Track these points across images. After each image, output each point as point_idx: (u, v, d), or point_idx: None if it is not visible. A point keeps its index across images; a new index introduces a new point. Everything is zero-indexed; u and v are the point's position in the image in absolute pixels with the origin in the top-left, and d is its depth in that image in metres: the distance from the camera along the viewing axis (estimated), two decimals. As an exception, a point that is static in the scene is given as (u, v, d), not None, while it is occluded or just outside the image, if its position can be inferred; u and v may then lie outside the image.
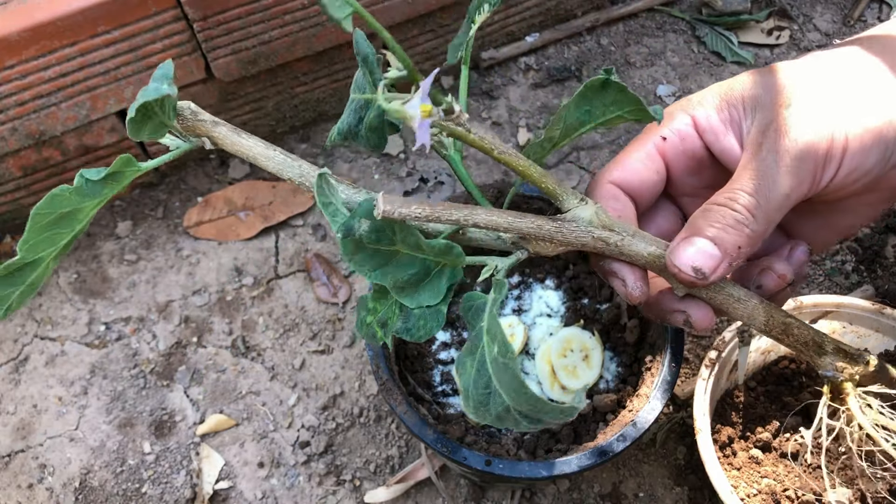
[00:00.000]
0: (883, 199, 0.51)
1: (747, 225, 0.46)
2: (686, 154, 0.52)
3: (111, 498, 0.83)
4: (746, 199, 0.46)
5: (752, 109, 0.49)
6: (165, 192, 1.01)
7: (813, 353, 0.50)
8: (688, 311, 0.50)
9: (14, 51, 0.79)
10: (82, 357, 0.91)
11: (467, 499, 0.81)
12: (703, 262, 0.46)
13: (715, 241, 0.46)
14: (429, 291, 0.50)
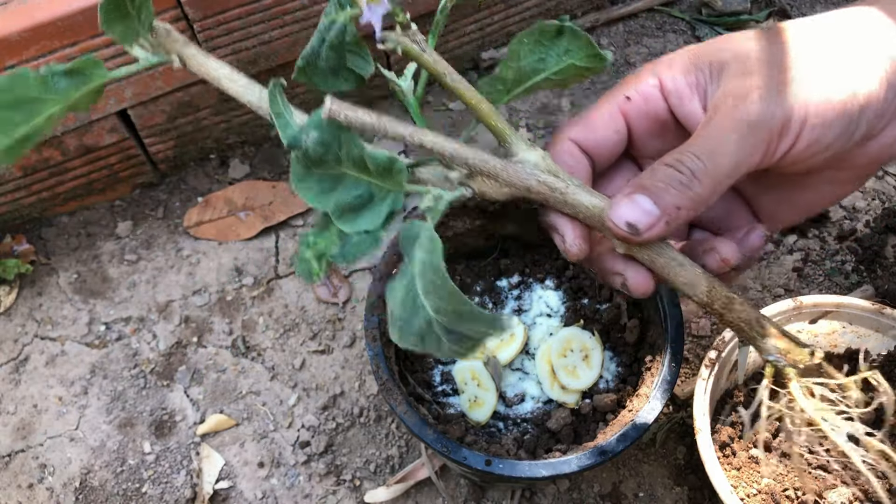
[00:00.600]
0: (849, 179, 0.50)
1: (690, 187, 0.45)
2: (649, 116, 0.51)
3: (111, 498, 0.83)
4: (693, 162, 0.45)
5: (718, 75, 0.48)
6: (166, 193, 1.01)
7: (756, 334, 0.49)
8: (625, 274, 0.49)
9: (14, 51, 0.79)
10: (82, 357, 0.91)
11: (467, 499, 0.81)
12: (638, 218, 0.45)
13: (654, 200, 0.45)
14: (369, 216, 0.49)
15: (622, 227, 0.46)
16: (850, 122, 0.46)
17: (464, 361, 0.74)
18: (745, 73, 0.47)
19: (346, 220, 0.49)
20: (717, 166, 0.45)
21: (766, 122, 0.45)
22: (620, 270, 0.49)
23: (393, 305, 0.46)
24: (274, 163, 1.02)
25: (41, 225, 0.99)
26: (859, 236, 0.94)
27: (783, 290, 0.91)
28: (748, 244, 0.51)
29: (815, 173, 0.49)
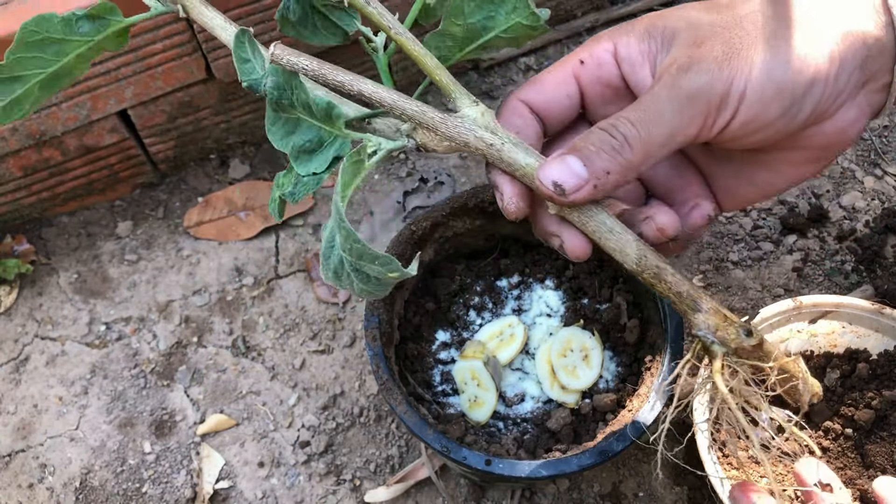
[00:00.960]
0: (807, 161, 0.49)
1: (621, 153, 0.45)
2: (602, 81, 0.50)
3: (111, 497, 0.83)
4: (627, 128, 0.45)
5: (669, 43, 0.48)
6: (166, 193, 1.01)
7: (687, 307, 0.48)
8: (562, 236, 0.49)
9: (15, 51, 0.79)
10: (83, 357, 0.91)
11: (467, 498, 0.81)
12: (566, 179, 0.45)
13: (585, 162, 0.45)
14: (318, 160, 0.52)
15: (549, 186, 0.45)
16: (793, 102, 0.45)
17: (464, 361, 0.74)
18: (694, 43, 0.46)
19: (300, 162, 0.53)
20: (650, 135, 0.45)
21: (705, 94, 0.44)
22: (557, 232, 0.49)
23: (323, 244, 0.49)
24: (274, 163, 1.02)
25: (41, 225, 0.99)
26: (859, 236, 0.94)
27: (783, 290, 0.91)
28: (691, 220, 0.51)
29: (769, 151, 0.49)
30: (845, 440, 0.77)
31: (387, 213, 0.98)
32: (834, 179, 0.99)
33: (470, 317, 0.78)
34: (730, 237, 0.95)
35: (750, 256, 0.94)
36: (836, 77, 0.45)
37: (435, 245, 0.78)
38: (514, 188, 0.48)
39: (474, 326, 0.78)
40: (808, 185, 0.99)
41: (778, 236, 0.95)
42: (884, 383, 0.78)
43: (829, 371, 0.79)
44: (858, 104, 0.47)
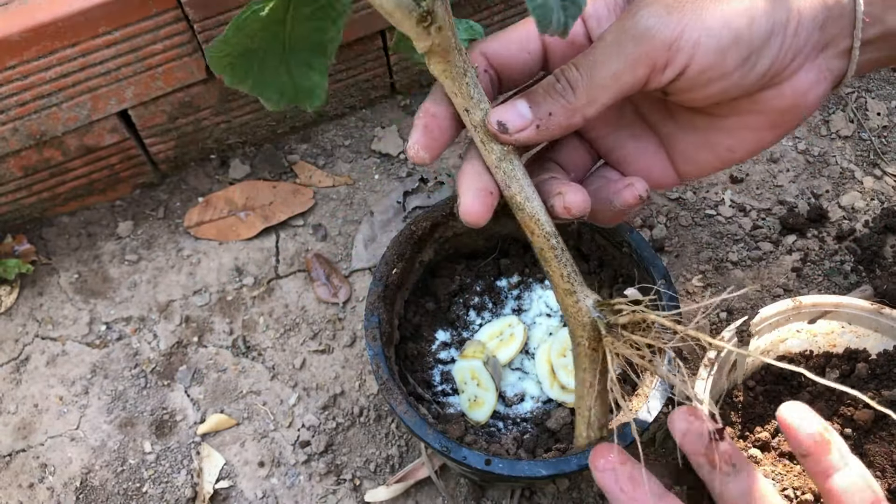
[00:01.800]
0: (767, 126, 0.49)
1: (564, 95, 0.45)
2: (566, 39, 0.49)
3: (112, 497, 0.83)
4: (572, 73, 0.45)
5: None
6: (166, 193, 1.01)
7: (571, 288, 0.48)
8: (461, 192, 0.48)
9: (15, 51, 0.79)
10: (83, 357, 0.91)
11: (467, 498, 0.81)
12: (510, 117, 0.46)
13: (530, 104, 0.46)
14: None
15: (493, 124, 0.46)
16: (750, 52, 0.44)
17: (463, 361, 0.74)
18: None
19: None
20: (592, 77, 0.45)
21: (650, 37, 0.44)
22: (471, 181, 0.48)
23: None
24: (274, 163, 1.03)
25: (42, 225, 0.99)
26: (858, 236, 0.94)
27: (782, 290, 0.92)
28: (622, 197, 0.50)
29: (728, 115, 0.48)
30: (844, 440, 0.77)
31: (387, 213, 0.98)
32: (833, 179, 0.99)
33: (470, 317, 0.79)
34: (729, 237, 0.95)
35: (749, 256, 0.94)
36: (795, 32, 0.44)
37: (435, 245, 0.78)
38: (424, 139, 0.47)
39: (474, 326, 0.78)
40: (807, 185, 0.99)
41: (777, 236, 0.95)
42: (883, 383, 0.78)
43: (829, 371, 0.79)
44: (818, 67, 0.47)
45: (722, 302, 0.91)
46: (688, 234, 0.96)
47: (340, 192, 1.01)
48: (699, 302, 0.91)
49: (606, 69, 0.45)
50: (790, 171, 1.00)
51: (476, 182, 0.48)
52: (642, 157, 0.52)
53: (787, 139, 1.02)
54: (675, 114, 0.51)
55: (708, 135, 0.51)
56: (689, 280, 0.92)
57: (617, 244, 0.75)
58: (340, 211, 0.99)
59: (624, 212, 0.50)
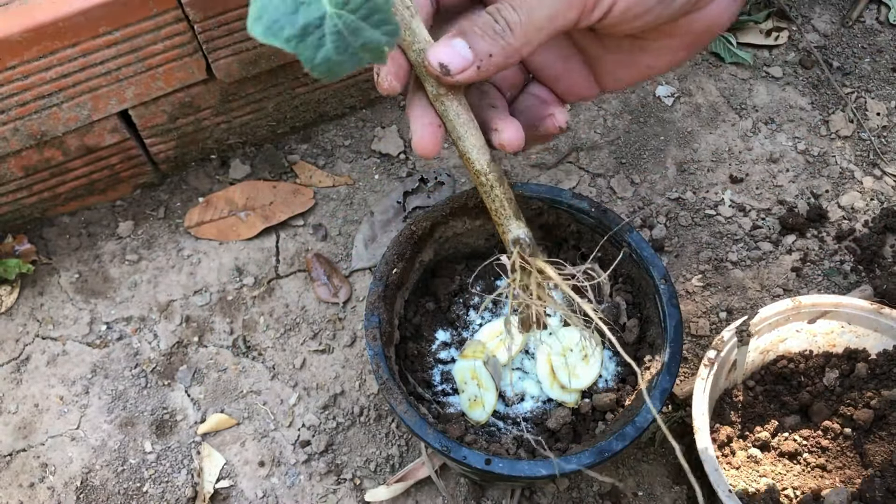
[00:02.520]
0: (683, 47, 0.52)
1: (503, 37, 0.47)
2: None
3: (112, 497, 0.83)
4: (510, 13, 0.47)
5: None
6: (167, 193, 1.01)
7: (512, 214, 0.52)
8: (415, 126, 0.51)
9: (16, 52, 0.79)
10: (84, 357, 0.91)
11: (467, 497, 0.81)
12: (451, 59, 0.47)
13: (470, 44, 0.47)
14: None
15: (435, 66, 0.47)
16: None
17: (464, 361, 0.74)
18: None
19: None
20: (531, 19, 0.47)
21: None
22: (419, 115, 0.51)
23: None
24: (274, 163, 1.03)
25: (42, 225, 0.99)
26: (858, 236, 0.95)
27: (782, 290, 0.92)
28: (544, 126, 0.54)
29: (651, 40, 0.51)
30: (844, 440, 0.77)
31: (387, 213, 0.99)
32: (833, 179, 0.99)
33: (470, 316, 0.79)
34: (729, 237, 0.95)
35: (749, 256, 0.94)
36: None
37: (435, 245, 0.78)
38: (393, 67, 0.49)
39: (474, 326, 0.78)
40: (807, 185, 0.99)
41: (777, 236, 0.95)
42: (883, 383, 0.78)
43: (829, 370, 0.79)
44: None
45: (721, 302, 0.91)
46: (688, 233, 0.96)
47: (340, 192, 1.01)
48: (699, 302, 0.92)
49: (543, 10, 0.47)
50: (790, 171, 1.00)
51: (423, 116, 0.50)
52: (570, 75, 0.55)
53: (786, 139, 1.02)
54: (602, 39, 0.54)
55: (631, 55, 0.54)
56: (688, 280, 0.93)
57: (617, 244, 0.75)
58: (340, 211, 0.99)
59: (547, 137, 0.55)
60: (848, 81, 1.07)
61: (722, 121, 1.04)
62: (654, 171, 1.00)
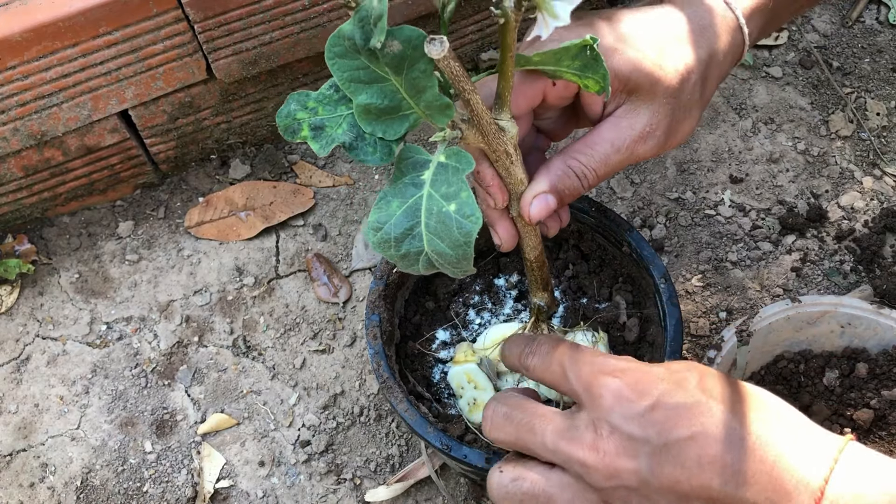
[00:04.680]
0: None
1: (579, 191, 0.59)
2: (562, 97, 0.59)
3: (112, 497, 0.83)
4: (591, 177, 0.59)
5: (629, 94, 0.58)
6: (167, 193, 1.01)
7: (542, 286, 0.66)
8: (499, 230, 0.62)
9: (16, 51, 0.79)
10: (84, 356, 0.91)
11: (467, 497, 0.81)
12: (539, 213, 0.58)
13: (557, 199, 0.58)
14: (391, 127, 0.53)
15: (528, 215, 0.59)
16: None
17: (457, 367, 0.74)
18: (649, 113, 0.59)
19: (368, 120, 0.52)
20: (598, 176, 0.59)
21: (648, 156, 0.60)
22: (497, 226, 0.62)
23: (382, 217, 0.54)
24: (274, 163, 1.03)
25: (43, 225, 0.99)
26: (858, 236, 0.95)
27: (781, 290, 0.92)
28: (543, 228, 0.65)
29: None
30: (844, 439, 0.77)
31: (387, 213, 0.98)
32: (833, 180, 0.99)
33: (469, 316, 0.79)
34: (729, 237, 0.95)
35: (749, 256, 0.94)
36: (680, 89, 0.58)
37: (435, 245, 0.78)
38: (504, 193, 0.59)
39: (473, 326, 0.78)
40: (807, 185, 0.99)
41: (777, 236, 0.95)
42: (883, 383, 0.78)
43: (828, 371, 0.79)
44: None
45: (721, 302, 0.92)
46: (687, 233, 0.96)
47: (340, 192, 1.01)
48: (699, 302, 0.92)
49: (609, 169, 0.59)
50: (790, 171, 1.00)
51: (511, 228, 0.62)
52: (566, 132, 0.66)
53: (786, 139, 1.02)
54: None
55: None
56: (688, 280, 0.93)
57: (617, 244, 0.75)
58: (340, 211, 0.99)
59: None
60: (848, 81, 1.07)
61: (722, 121, 1.04)
62: (653, 171, 1.00)
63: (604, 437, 0.49)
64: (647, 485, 0.48)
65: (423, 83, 0.50)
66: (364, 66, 0.50)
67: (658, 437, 0.48)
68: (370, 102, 0.51)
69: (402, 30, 0.48)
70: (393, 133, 0.53)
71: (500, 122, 0.55)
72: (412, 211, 0.53)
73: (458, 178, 0.53)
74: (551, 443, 0.51)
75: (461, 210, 0.52)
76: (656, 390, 0.50)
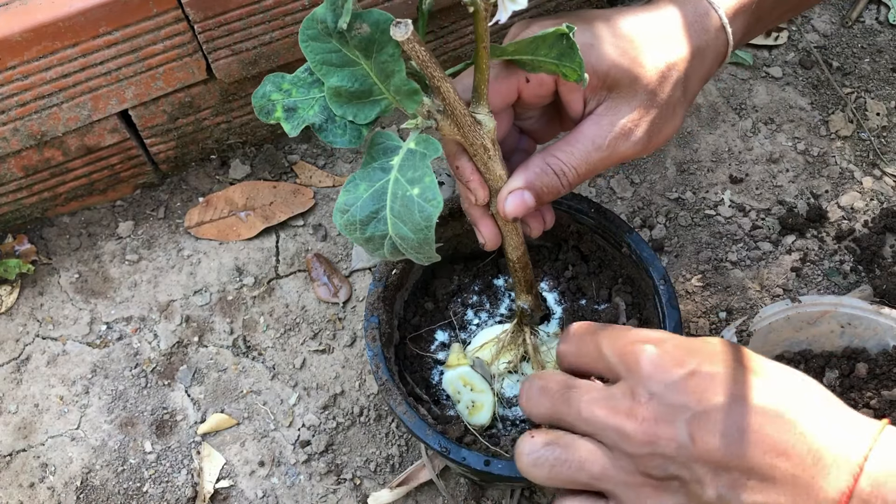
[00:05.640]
0: None
1: (559, 191, 0.60)
2: (538, 95, 0.60)
3: (112, 497, 0.84)
4: (572, 175, 0.59)
5: (609, 90, 0.58)
6: (167, 193, 1.01)
7: (526, 289, 0.68)
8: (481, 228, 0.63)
9: (15, 52, 0.79)
10: (84, 356, 0.91)
11: (467, 497, 0.81)
12: (517, 210, 0.59)
13: (535, 197, 0.59)
14: (361, 111, 0.54)
15: (504, 211, 0.59)
16: None
17: (451, 371, 0.74)
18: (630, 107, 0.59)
19: (339, 103, 0.53)
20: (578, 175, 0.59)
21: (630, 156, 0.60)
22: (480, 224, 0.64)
23: (350, 200, 0.54)
24: (274, 163, 1.03)
25: (42, 225, 0.99)
26: (857, 236, 0.95)
27: (781, 290, 0.92)
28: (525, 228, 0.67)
29: None
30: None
31: (387, 213, 0.98)
32: (833, 180, 0.99)
33: (468, 315, 0.79)
34: (728, 237, 0.95)
35: (749, 256, 0.94)
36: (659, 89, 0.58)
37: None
38: (485, 189, 0.60)
39: (471, 326, 0.78)
40: (807, 185, 0.99)
41: (777, 236, 0.95)
42: (883, 383, 0.78)
43: (828, 371, 0.79)
44: None
45: (721, 302, 0.92)
46: (687, 234, 0.96)
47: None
48: (699, 302, 0.92)
49: (589, 168, 0.59)
50: (789, 171, 1.00)
51: (492, 226, 0.63)
52: (550, 132, 0.67)
53: (786, 139, 1.02)
54: None
55: None
56: (688, 280, 0.93)
57: (616, 245, 0.75)
58: (340, 211, 0.99)
59: None
60: (848, 81, 1.07)
61: (722, 121, 1.04)
62: (653, 171, 1.00)
63: (642, 403, 0.49)
64: (685, 452, 0.47)
65: (392, 67, 0.51)
66: (336, 49, 0.51)
67: (697, 404, 0.48)
68: (341, 85, 0.52)
69: (371, 13, 0.49)
70: (363, 117, 0.54)
71: (476, 116, 0.55)
72: (378, 195, 0.54)
73: (423, 164, 0.53)
74: (587, 411, 0.51)
75: (423, 194, 0.53)
76: (694, 360, 0.49)
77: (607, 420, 0.50)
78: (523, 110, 0.62)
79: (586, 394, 0.52)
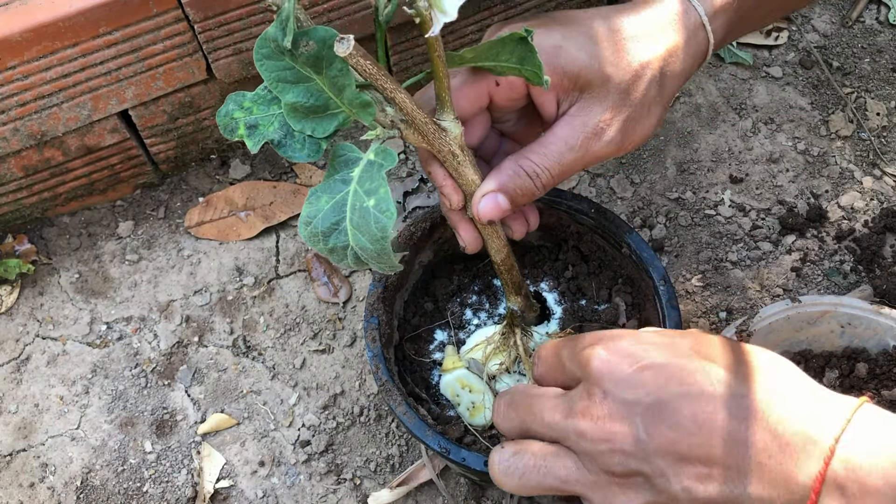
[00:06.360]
0: None
1: (534, 194, 0.59)
2: (510, 98, 0.60)
3: (112, 497, 0.84)
4: (546, 178, 0.58)
5: (581, 90, 0.57)
6: (167, 193, 1.01)
7: (515, 290, 0.67)
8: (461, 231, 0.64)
9: (16, 52, 0.79)
10: (84, 356, 0.91)
11: (467, 497, 0.81)
12: (492, 213, 0.59)
13: (510, 200, 0.58)
14: (319, 125, 0.54)
15: (479, 215, 0.59)
16: None
17: (448, 375, 0.74)
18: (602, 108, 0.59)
19: (297, 118, 0.54)
20: (552, 177, 0.59)
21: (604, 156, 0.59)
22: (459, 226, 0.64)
23: (311, 212, 0.55)
24: (274, 163, 1.03)
25: (43, 225, 0.99)
26: (858, 236, 0.95)
27: (781, 290, 0.92)
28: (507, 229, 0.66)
29: None
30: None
31: (387, 213, 0.98)
32: (833, 180, 0.99)
33: (466, 315, 0.79)
34: (728, 237, 0.95)
35: (749, 256, 0.94)
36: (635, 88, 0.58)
37: (434, 246, 0.78)
38: (459, 194, 0.60)
39: (470, 326, 0.78)
40: (807, 185, 0.99)
41: (777, 236, 0.95)
42: (883, 383, 0.78)
43: (828, 371, 0.79)
44: None
45: (721, 302, 0.92)
46: (687, 234, 0.96)
47: (340, 192, 1.01)
48: (699, 302, 0.92)
49: (564, 169, 0.59)
50: (790, 171, 1.00)
51: (472, 230, 0.63)
52: (530, 135, 0.64)
53: (786, 139, 1.02)
54: None
55: None
56: (688, 280, 0.93)
57: (616, 245, 0.75)
58: (340, 211, 0.99)
59: None
60: (848, 81, 1.07)
61: (722, 121, 1.04)
62: (653, 171, 1.00)
63: (596, 402, 0.49)
64: (644, 447, 0.47)
65: (342, 81, 0.51)
66: (290, 66, 0.51)
67: (648, 395, 0.47)
68: (297, 101, 0.53)
69: (316, 30, 0.49)
70: (322, 130, 0.54)
71: (441, 123, 0.55)
72: (339, 206, 0.55)
73: (380, 175, 0.54)
74: (549, 416, 0.52)
75: (378, 205, 0.53)
76: (647, 353, 0.49)
77: (566, 422, 0.50)
78: (500, 114, 0.62)
79: (548, 401, 0.53)
